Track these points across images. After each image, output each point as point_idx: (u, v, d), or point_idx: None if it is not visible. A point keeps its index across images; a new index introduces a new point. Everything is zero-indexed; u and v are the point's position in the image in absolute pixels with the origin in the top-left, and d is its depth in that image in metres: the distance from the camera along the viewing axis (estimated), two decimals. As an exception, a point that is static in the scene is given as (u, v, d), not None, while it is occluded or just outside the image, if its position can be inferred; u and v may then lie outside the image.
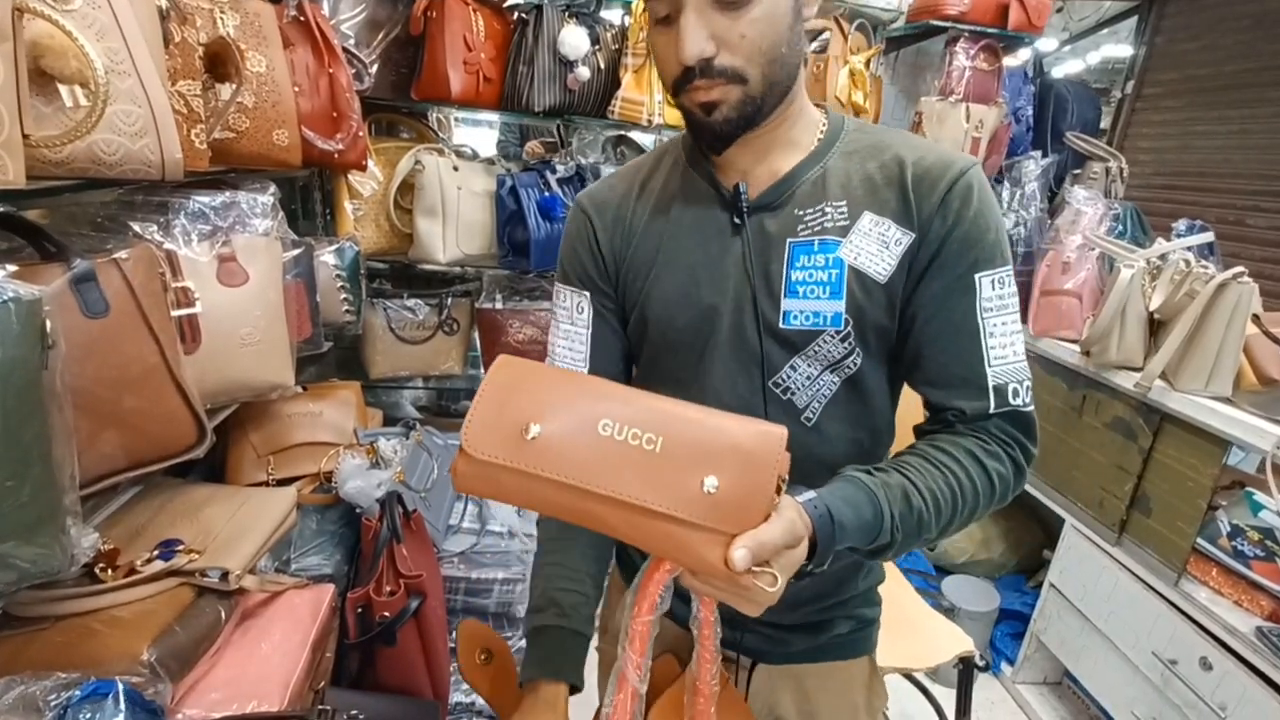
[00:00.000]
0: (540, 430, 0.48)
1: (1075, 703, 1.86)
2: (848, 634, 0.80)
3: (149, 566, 0.88)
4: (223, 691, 0.88)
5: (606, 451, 0.48)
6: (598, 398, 0.50)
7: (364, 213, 1.55)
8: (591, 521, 0.48)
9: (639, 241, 0.75)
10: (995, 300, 0.65)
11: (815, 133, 0.70)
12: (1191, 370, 1.44)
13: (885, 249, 0.65)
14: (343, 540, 1.33)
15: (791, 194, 0.68)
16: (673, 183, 0.75)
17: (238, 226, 1.04)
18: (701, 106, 0.62)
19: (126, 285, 0.79)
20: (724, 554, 0.45)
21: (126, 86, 0.73)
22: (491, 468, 0.49)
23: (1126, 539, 1.57)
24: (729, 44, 0.59)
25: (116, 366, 0.76)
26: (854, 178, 0.67)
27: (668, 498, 0.46)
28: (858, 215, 0.66)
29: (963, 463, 0.63)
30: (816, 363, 0.68)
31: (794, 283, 0.67)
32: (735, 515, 0.46)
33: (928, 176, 0.65)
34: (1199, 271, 1.49)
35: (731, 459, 0.47)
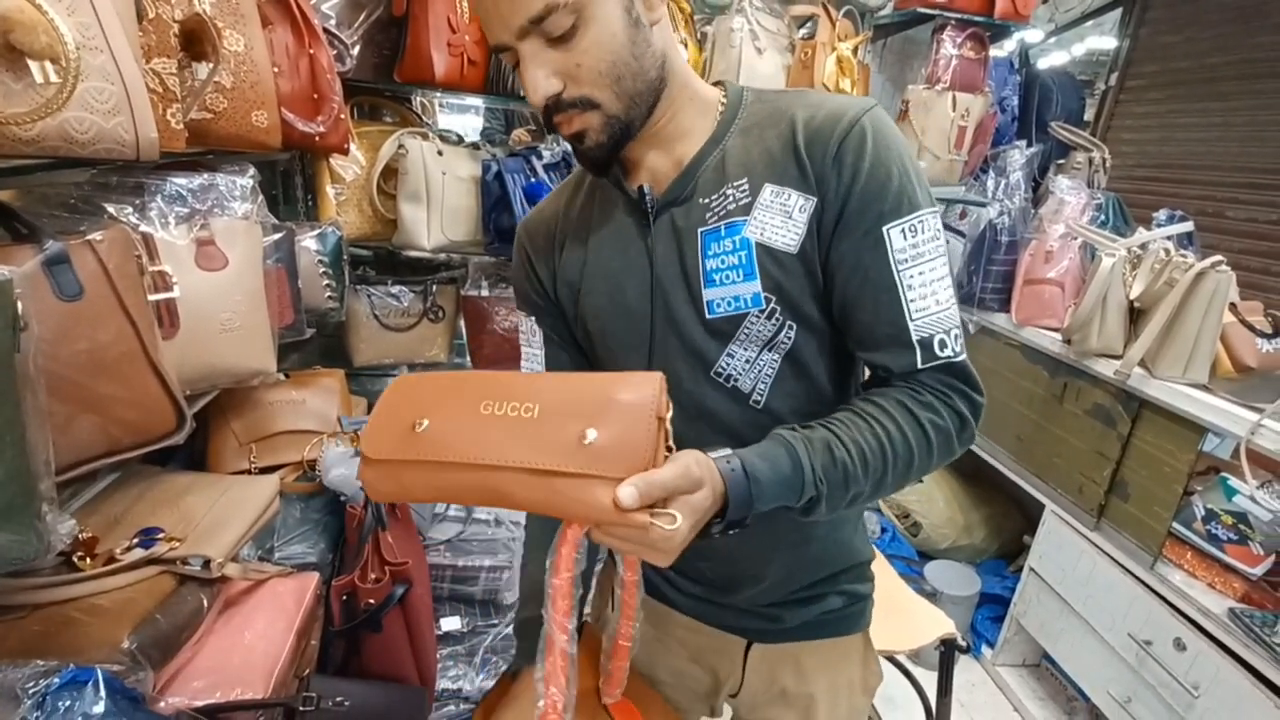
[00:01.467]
0: (428, 423, 0.52)
1: (1053, 684, 1.91)
2: (841, 609, 0.80)
3: (129, 555, 0.87)
4: (206, 679, 0.87)
5: (489, 427, 0.51)
6: (479, 385, 0.54)
7: (346, 197, 1.53)
8: (496, 498, 0.51)
9: (566, 259, 0.76)
10: (909, 250, 0.62)
11: (713, 115, 0.69)
12: (1170, 358, 1.47)
13: (789, 218, 0.64)
14: (327, 528, 1.32)
15: (695, 184, 0.68)
16: (591, 193, 0.76)
17: (216, 209, 1.02)
18: (570, 138, 0.64)
19: (101, 267, 0.77)
20: (613, 496, 0.47)
21: (99, 63, 0.71)
22: (390, 465, 0.52)
23: (1105, 524, 1.60)
24: (570, 75, 0.59)
25: (91, 350, 0.75)
26: (753, 152, 0.66)
27: (550, 455, 0.48)
28: (758, 190, 0.65)
29: (891, 413, 0.62)
30: (752, 345, 0.67)
31: (710, 271, 0.67)
32: (618, 460, 0.48)
33: (819, 135, 0.62)
34: (1178, 260, 1.51)
35: (608, 410, 0.50)
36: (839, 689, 0.83)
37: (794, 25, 1.75)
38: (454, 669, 1.46)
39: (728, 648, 0.83)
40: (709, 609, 0.82)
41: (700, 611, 0.82)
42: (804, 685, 0.82)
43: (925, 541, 2.21)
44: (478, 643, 1.52)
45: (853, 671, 0.84)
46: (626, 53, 0.60)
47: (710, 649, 0.84)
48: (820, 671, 0.82)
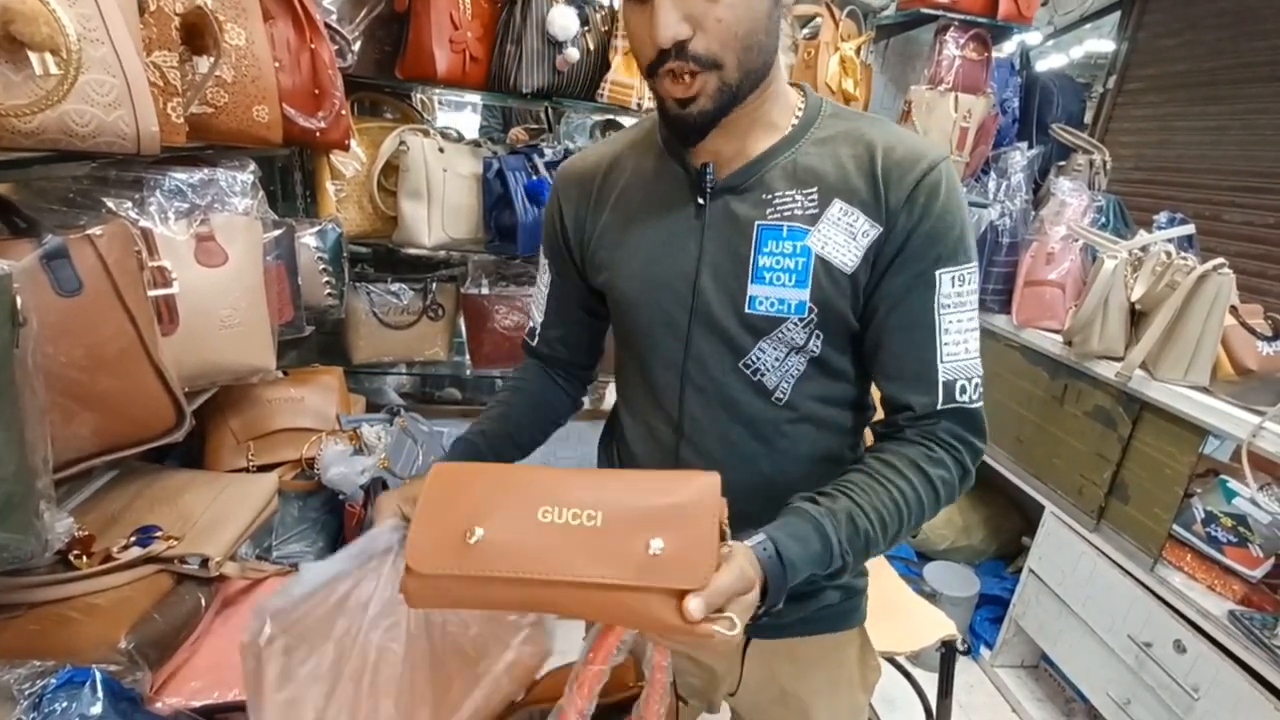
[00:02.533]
0: (483, 533, 0.49)
1: (1051, 685, 1.91)
2: (838, 604, 0.80)
3: (126, 553, 0.86)
4: (203, 679, 0.86)
5: (550, 538, 0.48)
6: (534, 486, 0.51)
7: (346, 194, 1.52)
8: (549, 607, 0.50)
9: (607, 217, 0.75)
10: (954, 297, 0.65)
11: (791, 116, 0.69)
12: (1171, 360, 1.47)
13: (852, 240, 0.65)
14: (325, 527, 1.31)
15: (761, 177, 0.67)
16: (647, 159, 0.74)
17: (216, 205, 1.01)
18: (677, 100, 0.62)
19: (100, 263, 0.76)
20: (678, 609, 0.46)
21: (100, 55, 0.70)
22: (441, 580, 0.49)
23: (1105, 525, 1.60)
24: (705, 27, 0.57)
25: (90, 346, 0.74)
26: (826, 164, 0.67)
27: (616, 569, 0.47)
28: (827, 203, 0.65)
29: (907, 475, 0.64)
30: (781, 346, 0.69)
31: (761, 267, 0.67)
32: (684, 571, 0.47)
33: (898, 168, 0.64)
34: (1180, 263, 1.51)
35: (672, 518, 0.48)
36: (838, 685, 0.83)
37: (797, 25, 1.75)
38: (452, 669, 1.45)
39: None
40: None
41: None
42: (803, 682, 0.82)
43: (924, 542, 2.21)
44: (476, 643, 1.51)
45: (851, 668, 0.84)
46: (761, 26, 0.60)
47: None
48: (818, 667, 0.82)
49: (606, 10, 1.61)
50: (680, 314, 0.70)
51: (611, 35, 1.58)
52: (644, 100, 1.57)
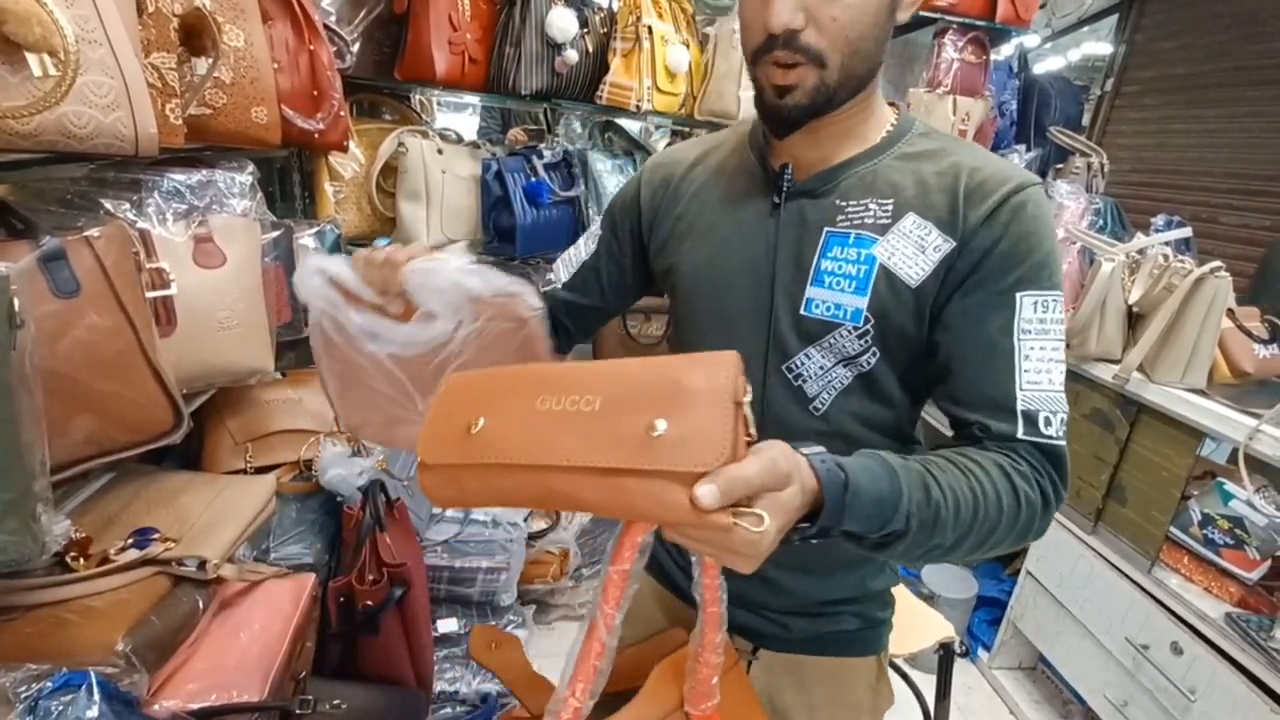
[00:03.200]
0: (484, 423, 0.48)
1: (1049, 687, 1.91)
2: (855, 631, 0.79)
3: (123, 555, 0.86)
4: (201, 682, 0.86)
5: (547, 424, 0.46)
6: (536, 379, 0.49)
7: (345, 195, 1.51)
8: (560, 501, 0.46)
9: (684, 208, 0.77)
10: (1036, 323, 0.61)
11: (881, 130, 0.69)
12: (1168, 363, 1.47)
13: (922, 253, 0.63)
14: (323, 529, 1.31)
15: (838, 184, 0.68)
16: (730, 157, 0.76)
17: (215, 206, 1.01)
18: (775, 89, 0.62)
19: (98, 264, 0.76)
20: (689, 495, 0.41)
21: (98, 56, 0.70)
22: (448, 470, 0.49)
23: (1102, 527, 1.60)
24: (818, 22, 0.58)
25: (88, 348, 0.74)
26: (907, 179, 0.66)
27: (615, 452, 0.43)
28: (901, 215, 0.65)
29: (989, 472, 0.58)
30: (830, 355, 0.68)
31: (822, 272, 0.67)
32: (693, 453, 0.42)
33: (982, 187, 0.63)
34: (1177, 266, 1.52)
35: (678, 397, 0.43)
36: (839, 707, 0.81)
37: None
38: (451, 671, 1.45)
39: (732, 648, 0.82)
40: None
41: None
42: (800, 698, 0.80)
43: (922, 544, 2.21)
44: (474, 645, 1.51)
45: (859, 693, 0.81)
46: (871, 34, 0.60)
47: None
48: (821, 685, 0.80)
49: (605, 12, 1.61)
50: (737, 307, 0.71)
51: (610, 37, 1.58)
52: (643, 102, 1.57)
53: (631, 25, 1.53)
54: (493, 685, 1.45)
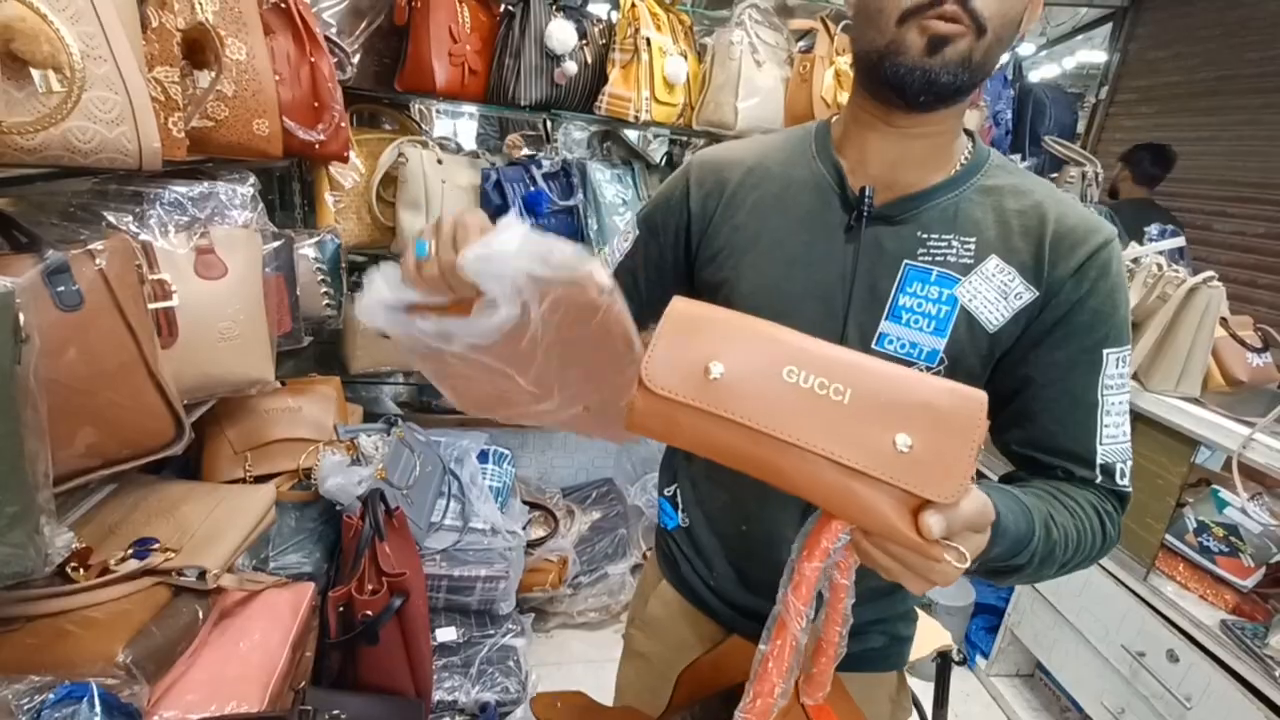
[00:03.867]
0: (723, 370, 0.45)
1: (1046, 694, 1.91)
2: (880, 648, 0.79)
3: (123, 566, 0.86)
4: (200, 692, 0.86)
5: (792, 399, 0.44)
6: (779, 343, 0.47)
7: (345, 205, 1.52)
8: (767, 471, 0.45)
9: (745, 219, 0.71)
10: (1116, 379, 0.63)
11: (959, 157, 0.67)
12: (1163, 371, 1.48)
13: (1004, 299, 0.63)
14: (322, 538, 1.31)
15: (919, 214, 0.65)
16: (797, 168, 0.71)
17: (216, 218, 1.02)
18: (931, 40, 0.56)
19: (101, 277, 0.76)
20: (911, 519, 0.42)
21: (103, 72, 0.70)
22: (671, 405, 0.45)
23: (1098, 535, 1.61)
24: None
25: (91, 361, 0.74)
26: (989, 216, 0.65)
27: (858, 452, 0.42)
28: (984, 257, 0.64)
29: (1087, 511, 0.61)
30: None
31: (900, 307, 0.64)
32: (929, 479, 0.42)
33: (1069, 237, 0.62)
34: (1171, 275, 1.53)
35: (925, 419, 0.44)
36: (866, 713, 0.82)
37: (793, 39, 1.76)
38: (449, 680, 1.45)
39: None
40: (749, 625, 0.80)
41: (738, 626, 0.81)
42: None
43: (919, 551, 2.22)
44: (473, 654, 1.51)
45: (881, 705, 0.83)
46: (1014, 23, 0.59)
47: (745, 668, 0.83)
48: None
49: (604, 24, 1.62)
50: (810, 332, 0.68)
51: (609, 48, 1.59)
52: (641, 112, 1.58)
53: (630, 37, 1.55)
54: (492, 695, 1.45)
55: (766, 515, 0.73)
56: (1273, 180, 2.25)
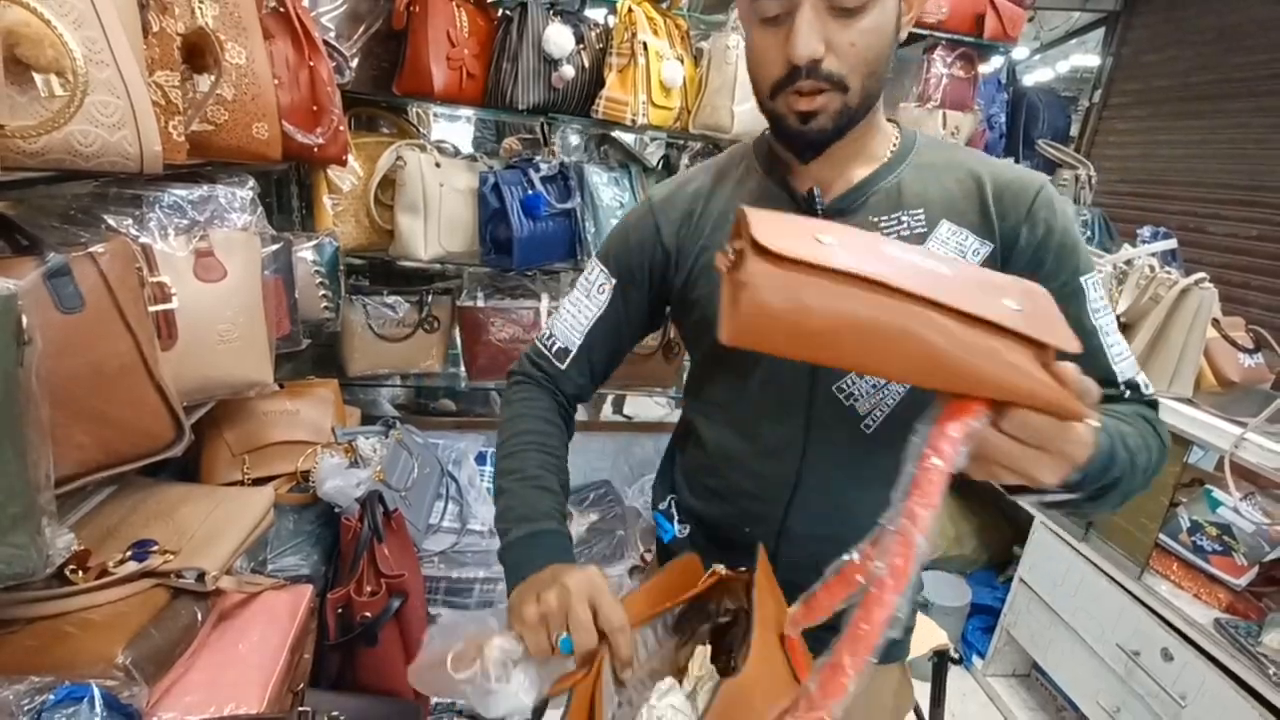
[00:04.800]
0: (833, 240, 0.41)
1: (1043, 694, 1.92)
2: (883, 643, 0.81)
3: (122, 568, 0.87)
4: (199, 694, 0.86)
5: (904, 266, 0.41)
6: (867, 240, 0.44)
7: (343, 208, 1.53)
8: (905, 348, 0.40)
9: (709, 239, 0.75)
10: (1100, 302, 0.67)
11: (888, 145, 0.71)
12: (1155, 372, 1.49)
13: (963, 258, 0.67)
14: (320, 540, 1.32)
15: (865, 201, 0.69)
16: (747, 187, 0.75)
17: (215, 221, 1.02)
18: (799, 115, 0.63)
19: (102, 280, 0.77)
20: (1050, 376, 0.40)
21: (105, 77, 0.71)
22: (794, 268, 0.40)
23: (1093, 535, 1.62)
24: (838, 50, 0.59)
25: (92, 363, 0.75)
26: (930, 188, 0.68)
27: (986, 311, 0.40)
28: (935, 224, 0.67)
29: (1134, 419, 0.62)
30: None
31: None
32: (1052, 331, 0.40)
33: (1009, 190, 0.66)
34: (1163, 277, 1.55)
35: (1016, 288, 0.43)
36: (869, 712, 0.83)
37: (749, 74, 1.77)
38: (447, 682, 1.45)
39: None
40: None
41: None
42: None
43: (916, 552, 2.22)
44: (471, 655, 1.51)
45: (886, 697, 0.85)
46: (886, 53, 0.62)
47: None
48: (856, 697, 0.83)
49: (601, 28, 1.63)
50: None
51: (606, 52, 1.60)
52: (638, 116, 1.59)
53: (627, 41, 1.56)
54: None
55: (759, 511, 0.75)
56: (1265, 183, 2.27)
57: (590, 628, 0.52)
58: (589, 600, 0.53)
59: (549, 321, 0.84)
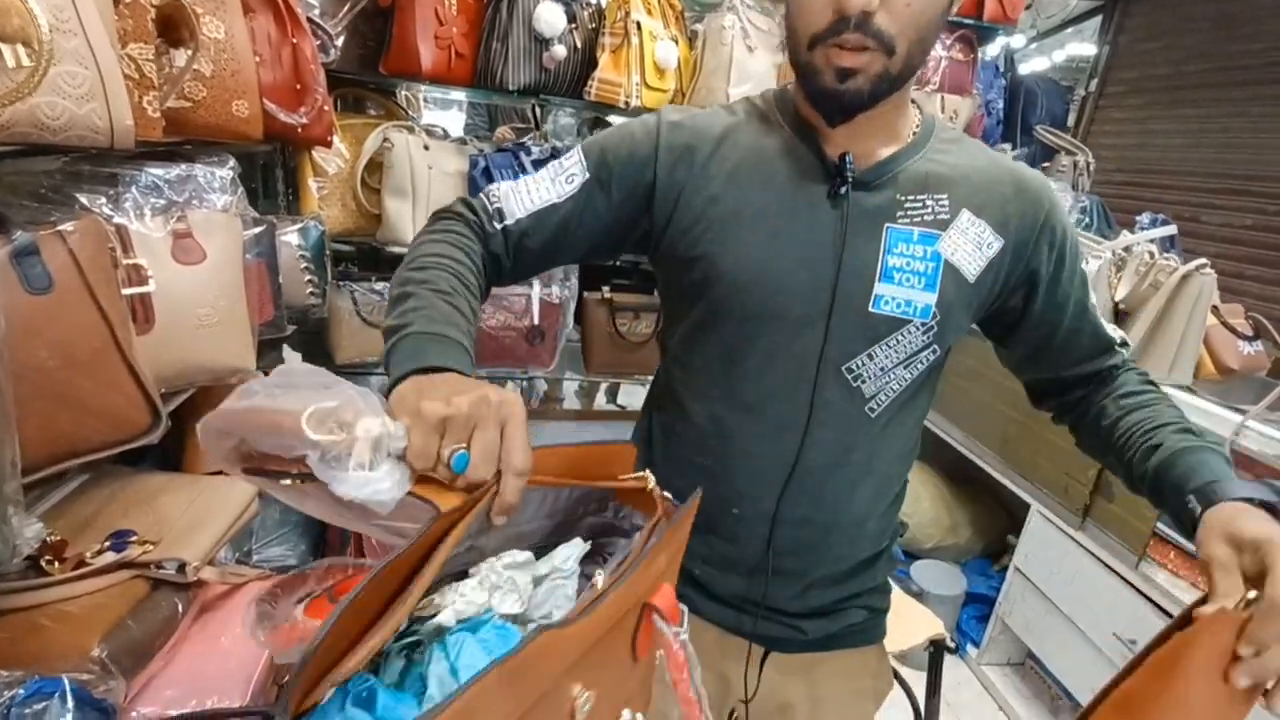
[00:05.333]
0: None
1: (1038, 683, 1.92)
2: (861, 623, 0.80)
3: (100, 558, 0.84)
4: (180, 687, 0.84)
5: None
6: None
7: (329, 191, 1.49)
8: None
9: (720, 190, 0.69)
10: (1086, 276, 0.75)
11: (912, 126, 0.70)
12: (1154, 360, 1.48)
13: (979, 249, 0.67)
14: (307, 530, 1.29)
15: (893, 178, 0.67)
16: (768, 141, 0.70)
17: (194, 201, 0.99)
18: (837, 71, 0.59)
19: (72, 260, 0.73)
20: None
21: (72, 46, 0.68)
22: None
23: (1090, 523, 1.61)
24: (892, 7, 0.57)
25: (62, 346, 0.71)
26: (954, 175, 0.68)
27: None
28: (957, 211, 0.67)
29: (1159, 394, 0.74)
30: (894, 353, 0.68)
31: (890, 268, 0.66)
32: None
33: (1026, 192, 0.69)
34: (1163, 263, 1.53)
35: None
36: (848, 697, 0.83)
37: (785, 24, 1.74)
38: (438, 673, 1.43)
39: (741, 654, 0.80)
40: (730, 615, 0.79)
41: (722, 617, 0.80)
42: (816, 694, 0.81)
43: (911, 541, 2.22)
44: (463, 646, 1.49)
45: (865, 680, 0.84)
46: (936, 23, 0.61)
47: (722, 655, 0.81)
48: (835, 680, 0.82)
49: (593, 8, 1.60)
50: (793, 305, 0.67)
51: (599, 33, 1.57)
52: (631, 98, 1.56)
53: (620, 21, 1.52)
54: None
55: (752, 493, 0.73)
56: (1260, 172, 2.26)
57: (494, 457, 0.43)
58: (502, 427, 0.44)
59: (499, 185, 0.73)
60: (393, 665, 0.44)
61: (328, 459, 0.41)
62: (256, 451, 0.45)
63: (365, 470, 0.42)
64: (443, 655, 0.42)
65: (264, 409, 0.43)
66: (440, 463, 0.43)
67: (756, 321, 0.68)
